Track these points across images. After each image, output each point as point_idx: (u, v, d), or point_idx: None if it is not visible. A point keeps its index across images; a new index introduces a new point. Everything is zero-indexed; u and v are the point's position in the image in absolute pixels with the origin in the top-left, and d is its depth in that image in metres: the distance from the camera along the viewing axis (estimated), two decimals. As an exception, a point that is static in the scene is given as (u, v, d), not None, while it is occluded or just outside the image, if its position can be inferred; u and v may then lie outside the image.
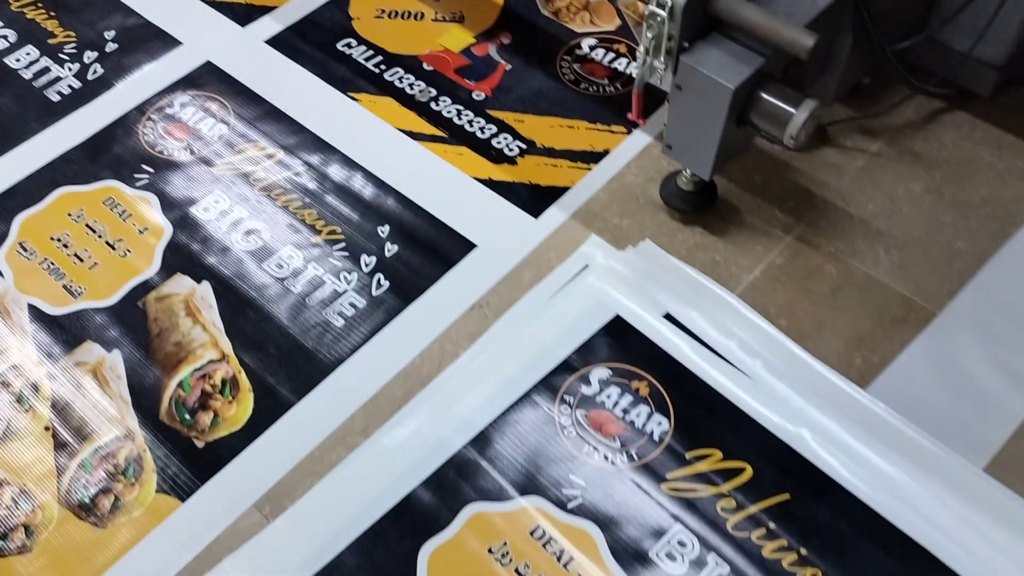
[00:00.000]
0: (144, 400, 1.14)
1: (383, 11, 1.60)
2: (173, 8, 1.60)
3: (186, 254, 1.28)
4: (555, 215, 1.33)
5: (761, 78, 1.07)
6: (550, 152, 1.40)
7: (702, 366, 1.16)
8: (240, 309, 1.22)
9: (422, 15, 1.60)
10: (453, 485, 1.07)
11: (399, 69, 1.51)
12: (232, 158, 1.39)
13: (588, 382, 1.15)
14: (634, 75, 1.11)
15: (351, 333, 1.20)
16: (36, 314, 1.22)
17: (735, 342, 1.17)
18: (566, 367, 1.16)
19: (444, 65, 1.52)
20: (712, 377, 1.14)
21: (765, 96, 1.07)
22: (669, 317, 1.21)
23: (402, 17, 1.60)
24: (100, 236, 1.30)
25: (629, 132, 1.42)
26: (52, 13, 1.59)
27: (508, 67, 1.52)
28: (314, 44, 1.55)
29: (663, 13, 1.02)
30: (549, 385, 1.15)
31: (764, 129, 1.10)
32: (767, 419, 1.11)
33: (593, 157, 1.39)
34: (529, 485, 1.07)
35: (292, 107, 1.45)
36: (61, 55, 1.52)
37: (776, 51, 1.05)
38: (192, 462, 1.09)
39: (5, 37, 1.55)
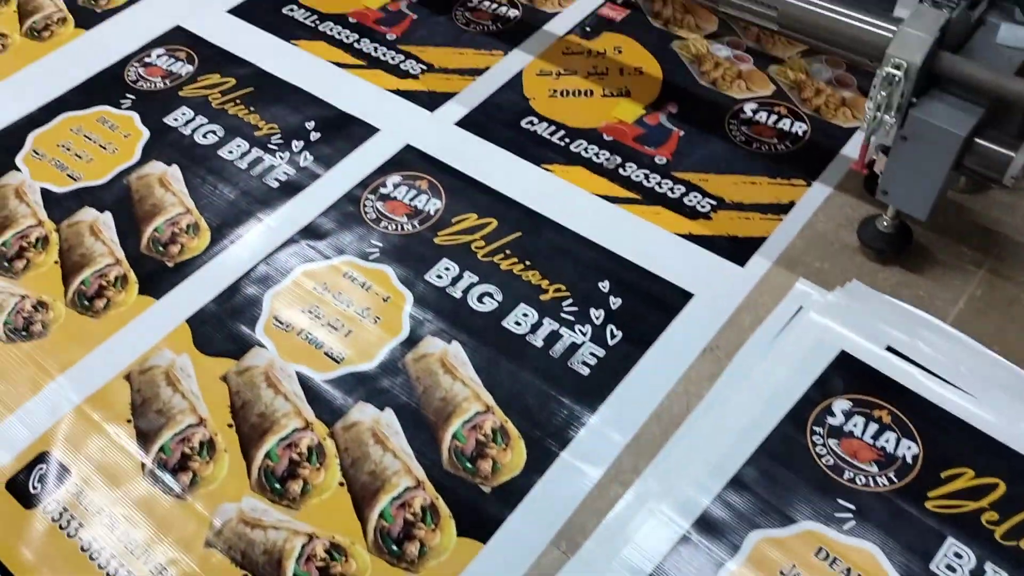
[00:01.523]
0: (424, 452, 1.23)
1: (555, 91, 1.74)
2: (363, 99, 1.74)
3: (430, 317, 1.38)
4: (760, 263, 1.43)
5: (980, 126, 1.18)
6: (740, 206, 1.52)
7: (937, 391, 1.25)
8: (492, 364, 1.32)
9: (591, 92, 1.74)
10: (729, 521, 1.15)
11: (582, 140, 1.64)
12: (451, 229, 1.50)
13: (832, 413, 1.24)
14: (862, 129, 1.23)
15: (599, 380, 1.30)
16: (304, 381, 1.32)
17: (962, 367, 1.26)
18: (807, 401, 1.26)
19: (622, 135, 1.65)
20: (949, 401, 1.23)
21: (985, 143, 1.19)
22: (891, 349, 1.30)
23: (574, 95, 1.73)
24: (348, 306, 1.40)
25: (809, 184, 1.54)
26: (251, 108, 1.73)
27: (681, 133, 1.65)
28: (500, 123, 1.68)
29: (899, 74, 1.14)
30: (796, 419, 1.24)
31: (983, 172, 1.21)
32: (1010, 436, 1.19)
33: (781, 208, 1.51)
34: (801, 512, 1.15)
35: (494, 180, 1.58)
36: (270, 145, 1.66)
37: (993, 101, 1.17)
38: (484, 506, 1.18)
39: (214, 132, 1.69)
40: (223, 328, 1.38)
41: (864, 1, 1.39)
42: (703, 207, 1.52)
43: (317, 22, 1.91)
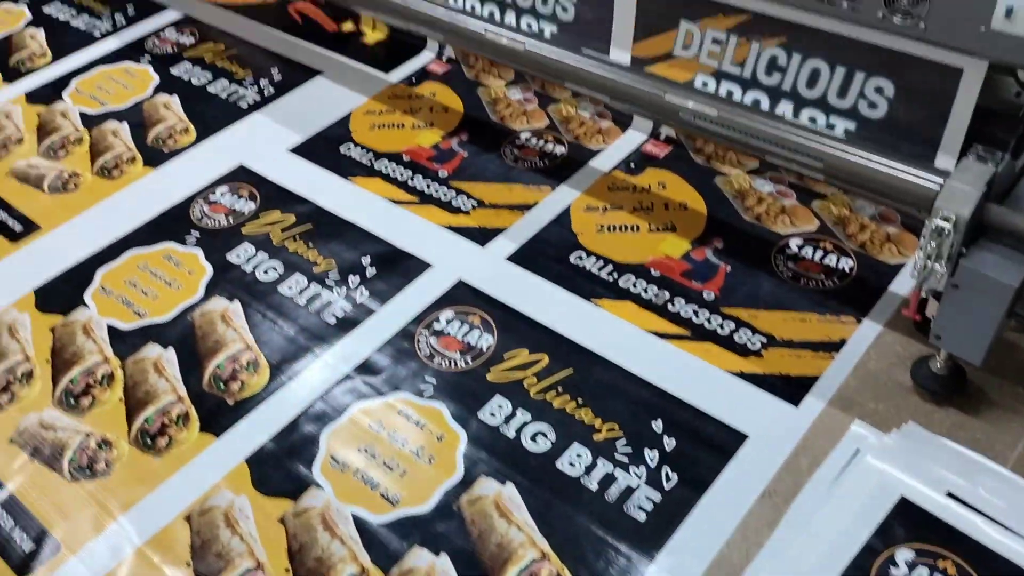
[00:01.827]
0: (482, 601, 1.22)
1: (602, 226, 1.79)
2: (416, 235, 1.80)
3: (484, 457, 1.39)
4: (813, 403, 1.43)
5: (1031, 275, 1.20)
6: (790, 344, 1.53)
7: (1000, 541, 1.22)
8: (547, 507, 1.32)
9: (638, 227, 1.78)
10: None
11: (631, 275, 1.68)
12: (503, 365, 1.53)
13: (895, 564, 1.22)
14: (912, 275, 1.25)
15: (656, 526, 1.29)
16: (360, 524, 1.33)
17: (1026, 516, 1.24)
18: (869, 551, 1.23)
19: (669, 270, 1.69)
20: (1013, 551, 1.21)
21: (1037, 291, 1.20)
22: (951, 495, 1.28)
23: (620, 230, 1.78)
24: (403, 445, 1.42)
25: (859, 321, 1.55)
26: (310, 244, 1.80)
27: (728, 268, 1.68)
28: (549, 258, 1.73)
29: (949, 226, 1.17)
30: (859, 569, 1.22)
31: (1037, 319, 1.22)
32: (1083, 591, 1.16)
33: (832, 346, 1.52)
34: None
35: (544, 315, 1.61)
36: (327, 281, 1.71)
37: (1043, 251, 1.19)
38: (542, 660, 1.16)
39: (275, 268, 1.75)
40: (281, 468, 1.40)
41: (904, 148, 1.43)
42: (753, 344, 1.54)
43: (373, 160, 2.00)
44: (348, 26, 2.45)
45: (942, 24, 1.23)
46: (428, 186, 1.92)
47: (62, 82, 2.33)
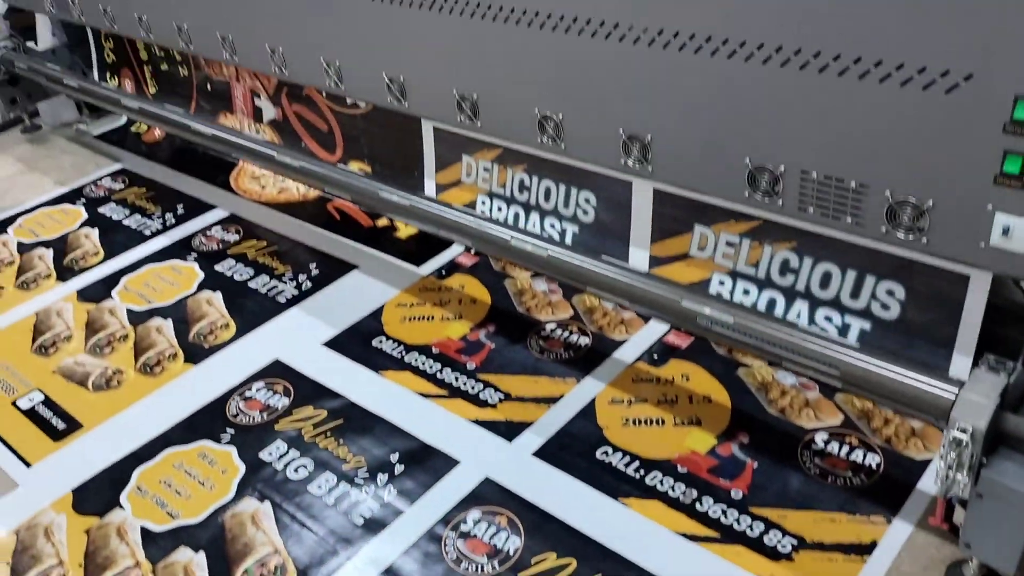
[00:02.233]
0: None
1: (628, 419, 1.82)
2: (445, 430, 1.84)
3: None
4: (848, 611, 1.40)
5: (1057, 484, 1.20)
6: (821, 546, 1.51)
7: None
8: None
9: (663, 421, 1.81)
10: None
11: (658, 472, 1.69)
12: (531, 570, 1.52)
13: None
14: (936, 485, 1.25)
15: None
16: None
17: None
18: None
19: (696, 467, 1.69)
20: None
21: (1065, 500, 1.19)
22: None
23: (646, 424, 1.81)
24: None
25: (889, 521, 1.53)
26: (340, 441, 1.84)
27: (755, 465, 1.68)
28: (575, 453, 1.74)
29: (966, 437, 1.18)
30: None
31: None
32: None
33: (864, 549, 1.49)
34: None
35: (572, 516, 1.61)
36: (356, 480, 1.74)
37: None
38: None
39: (305, 466, 1.78)
40: None
41: (920, 348, 1.47)
42: (784, 547, 1.52)
43: (403, 353, 2.07)
44: (383, 221, 2.60)
45: (944, 239, 1.29)
46: (456, 379, 1.97)
47: (112, 279, 2.48)
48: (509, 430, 1.82)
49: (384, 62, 1.94)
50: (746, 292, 1.70)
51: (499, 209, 2.13)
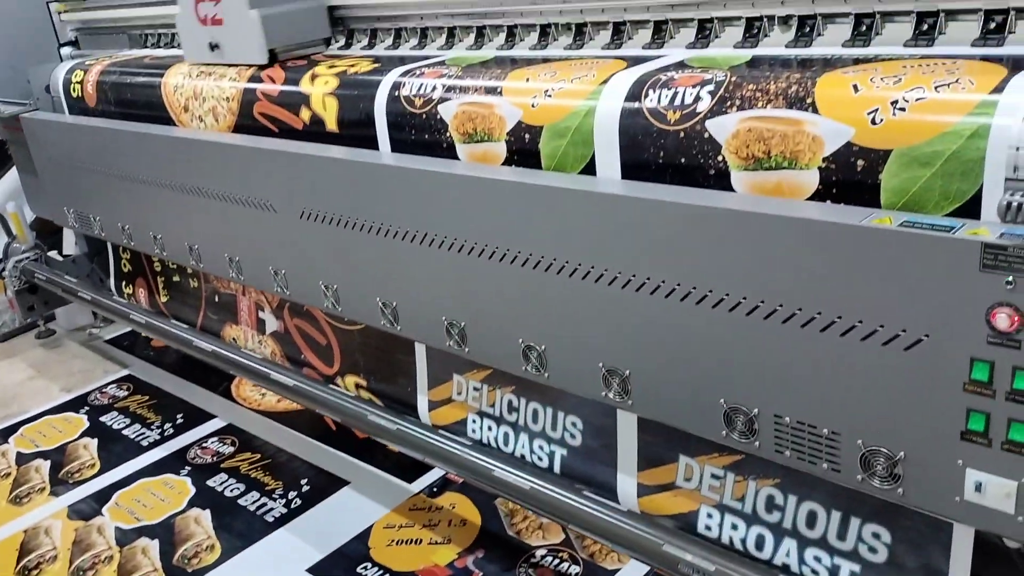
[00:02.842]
0: None
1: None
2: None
3: None
4: None
5: None
6: None
7: None
8: None
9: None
10: None
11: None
12: None
13: None
14: None
15: None
16: None
17: None
18: None
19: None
20: None
21: None
22: None
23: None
24: None
25: None
26: None
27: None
28: None
29: None
30: None
31: None
32: None
33: None
34: None
35: None
36: None
37: None
38: None
39: None
40: None
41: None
42: None
43: (388, 583, 2.03)
44: None
45: (918, 491, 1.27)
46: (442, 610, 1.93)
47: (105, 495, 2.46)
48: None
49: (378, 289, 2.02)
50: (735, 527, 1.67)
51: (489, 428, 2.13)
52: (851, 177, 1.30)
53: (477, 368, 2.13)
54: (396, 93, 1.93)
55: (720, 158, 1.43)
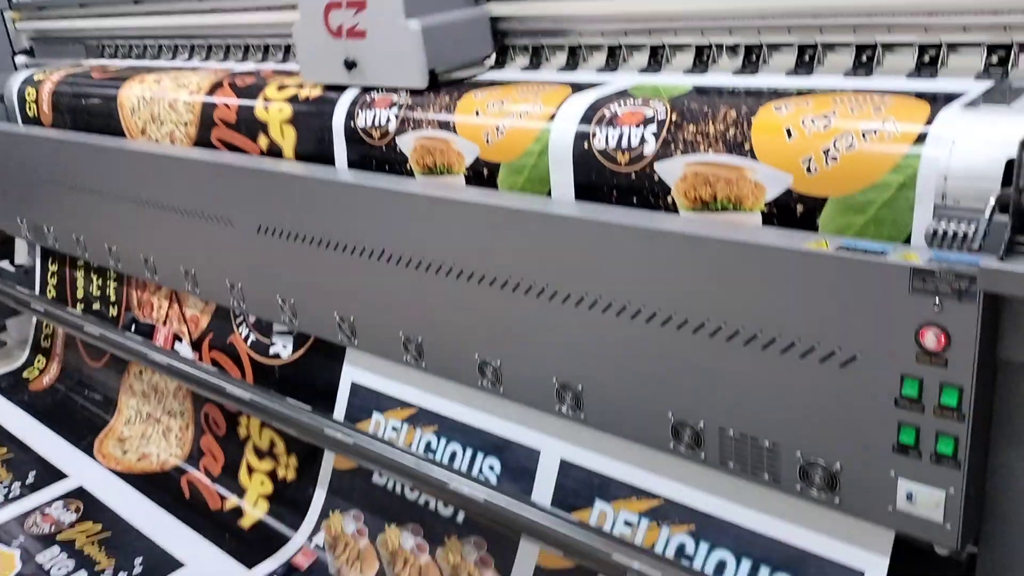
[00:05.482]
0: None
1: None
2: None
3: None
4: None
5: None
6: None
7: None
8: None
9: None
10: None
11: None
12: None
13: None
14: None
15: None
16: None
17: None
18: None
19: None
20: None
21: None
22: None
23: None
24: None
25: None
26: None
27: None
28: None
29: None
30: None
31: None
32: None
33: None
34: None
35: None
36: None
37: None
38: None
39: None
40: None
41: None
42: None
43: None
44: (231, 503, 2.50)
45: (854, 500, 1.34)
46: None
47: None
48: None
49: (336, 303, 2.04)
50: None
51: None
52: (792, 221, 1.37)
53: (400, 407, 2.11)
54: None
55: (670, 199, 1.49)
